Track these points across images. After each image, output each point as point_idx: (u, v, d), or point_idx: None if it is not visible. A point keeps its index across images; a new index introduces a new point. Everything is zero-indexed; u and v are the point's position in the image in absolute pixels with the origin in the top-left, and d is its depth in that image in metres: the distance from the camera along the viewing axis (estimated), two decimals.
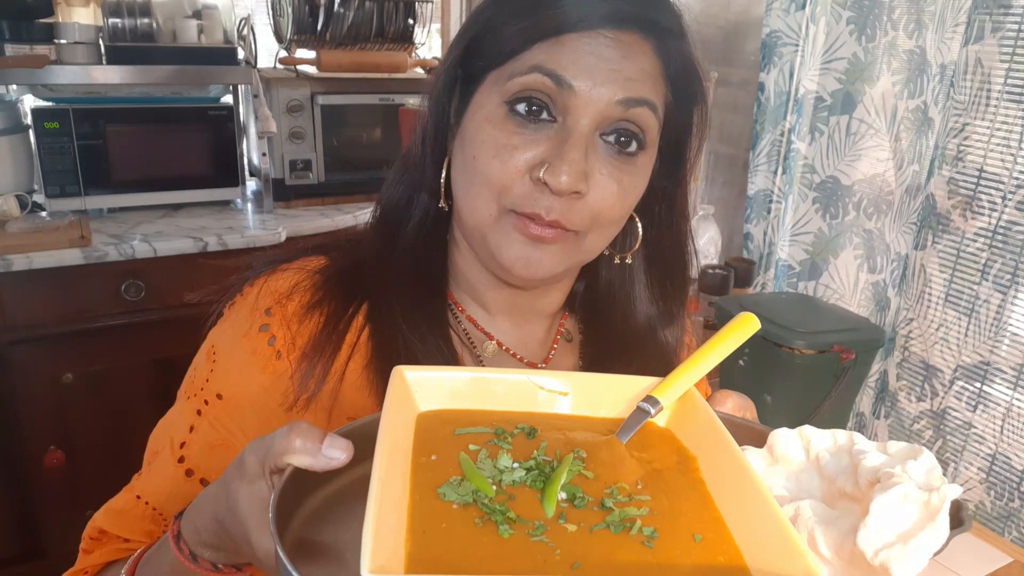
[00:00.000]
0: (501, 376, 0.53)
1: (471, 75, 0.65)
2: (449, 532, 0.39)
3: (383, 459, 0.40)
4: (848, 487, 0.44)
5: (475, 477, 0.43)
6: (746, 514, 0.42)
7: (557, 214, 0.60)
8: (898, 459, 0.43)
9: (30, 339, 1.74)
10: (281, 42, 2.23)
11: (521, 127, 0.61)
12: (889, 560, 0.38)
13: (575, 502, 0.43)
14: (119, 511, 0.69)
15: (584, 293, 0.77)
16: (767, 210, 2.08)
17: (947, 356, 1.94)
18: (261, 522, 0.46)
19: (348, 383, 0.66)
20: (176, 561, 0.55)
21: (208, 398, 0.67)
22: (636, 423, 0.51)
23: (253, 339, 0.66)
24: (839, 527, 0.42)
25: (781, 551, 0.38)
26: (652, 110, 0.62)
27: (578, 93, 0.60)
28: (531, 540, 0.39)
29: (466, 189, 0.64)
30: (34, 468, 1.81)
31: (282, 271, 0.69)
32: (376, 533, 0.35)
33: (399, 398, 0.48)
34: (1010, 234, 1.77)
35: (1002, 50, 1.75)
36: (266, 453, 0.45)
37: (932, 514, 0.39)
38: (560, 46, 0.60)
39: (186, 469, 0.66)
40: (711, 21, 2.32)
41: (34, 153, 1.93)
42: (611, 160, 0.62)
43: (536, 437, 0.49)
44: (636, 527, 0.41)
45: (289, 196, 2.19)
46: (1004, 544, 1.29)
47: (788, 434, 0.49)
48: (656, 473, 0.47)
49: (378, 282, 0.69)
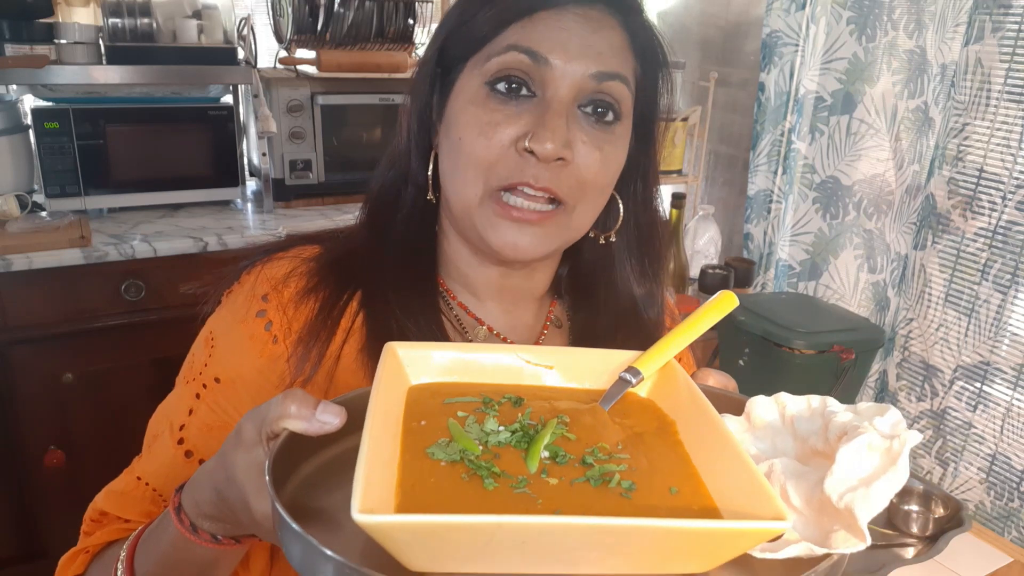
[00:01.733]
0: (489, 351, 0.55)
1: (450, 67, 0.68)
2: (437, 486, 0.41)
3: (375, 421, 0.42)
4: (819, 445, 0.46)
5: (462, 438, 0.45)
6: (721, 469, 0.44)
7: (546, 181, 0.63)
8: (866, 416, 0.45)
9: (30, 339, 1.74)
10: (281, 42, 2.22)
11: (503, 104, 0.63)
12: (853, 502, 0.40)
13: (557, 459, 0.45)
14: (120, 492, 0.70)
15: (568, 277, 0.79)
16: (767, 210, 2.08)
17: (947, 356, 1.94)
18: (259, 487, 0.48)
19: (343, 366, 0.68)
20: (177, 534, 0.56)
21: (207, 382, 0.68)
22: (618, 392, 0.53)
23: (250, 324, 0.68)
24: (809, 480, 0.44)
25: (752, 497, 0.40)
26: (624, 83, 0.65)
27: (554, 67, 0.62)
28: (514, 492, 0.41)
29: (453, 172, 0.66)
30: (34, 468, 1.81)
31: (278, 259, 0.71)
32: (366, 481, 0.37)
33: (391, 372, 0.50)
34: (1010, 234, 1.77)
35: (1002, 50, 1.75)
36: (262, 420, 0.47)
37: (893, 459, 0.41)
38: (532, 24, 0.63)
39: (185, 450, 0.68)
40: (711, 21, 2.31)
41: (34, 153, 1.93)
42: (591, 129, 0.65)
43: (522, 405, 0.51)
44: (615, 480, 0.43)
45: (289, 196, 2.19)
46: (1004, 544, 1.29)
47: (764, 400, 0.51)
48: (637, 436, 0.49)
49: (371, 271, 0.71)
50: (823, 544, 0.41)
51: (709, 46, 2.34)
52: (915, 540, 1.22)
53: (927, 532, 1.22)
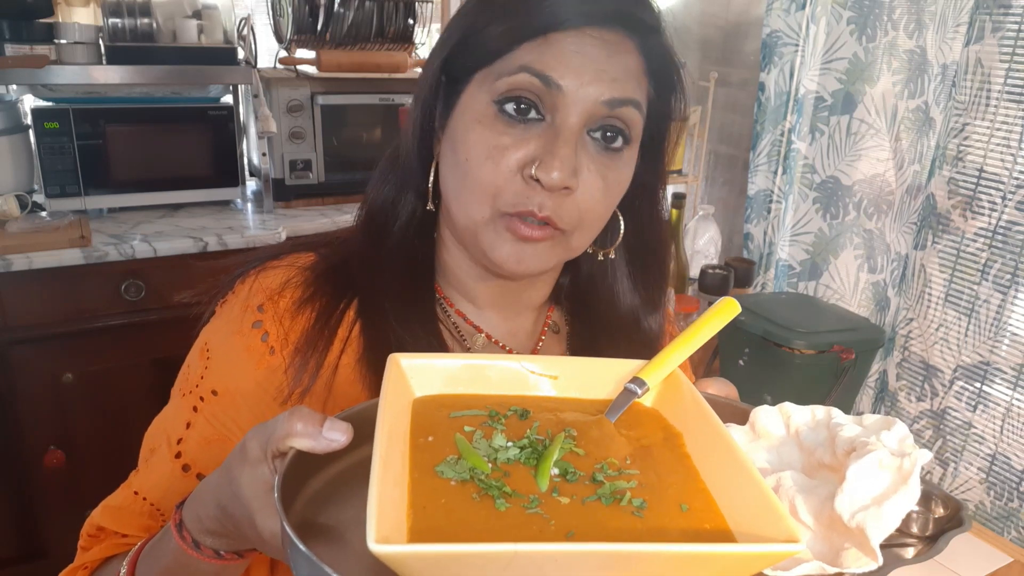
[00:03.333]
0: (493, 362, 0.55)
1: (456, 77, 0.66)
2: (448, 507, 0.41)
3: (383, 440, 0.42)
4: (826, 458, 0.46)
5: (471, 455, 0.45)
6: (730, 484, 0.44)
7: (549, 211, 0.62)
8: (873, 430, 0.45)
9: (30, 339, 1.74)
10: (281, 42, 2.22)
11: (511, 126, 0.62)
12: (865, 521, 0.40)
13: (567, 477, 0.45)
14: (117, 507, 0.69)
15: (569, 286, 0.79)
16: (767, 210, 2.08)
17: (947, 356, 1.94)
18: (265, 504, 0.47)
19: (341, 377, 0.67)
20: (178, 549, 0.55)
21: (204, 395, 0.67)
22: (624, 403, 0.53)
23: (246, 336, 0.67)
24: (818, 494, 0.44)
25: (763, 516, 0.40)
26: (637, 108, 0.64)
27: (566, 92, 0.61)
28: (527, 512, 0.41)
29: (458, 192, 0.65)
30: (34, 468, 1.81)
31: (272, 268, 0.70)
32: (380, 507, 0.37)
33: (396, 384, 0.50)
34: (1010, 234, 1.77)
35: (1002, 50, 1.75)
36: (268, 438, 0.47)
37: (904, 477, 0.41)
38: (547, 46, 0.61)
39: (183, 464, 0.67)
40: (711, 21, 2.31)
41: (34, 153, 1.93)
42: (598, 156, 0.63)
43: (528, 418, 0.51)
44: (626, 498, 0.43)
45: (289, 196, 2.19)
46: (1004, 544, 1.29)
47: (769, 410, 0.51)
48: (644, 449, 0.49)
49: (367, 279, 0.70)
50: (834, 563, 0.41)
51: (709, 46, 2.34)
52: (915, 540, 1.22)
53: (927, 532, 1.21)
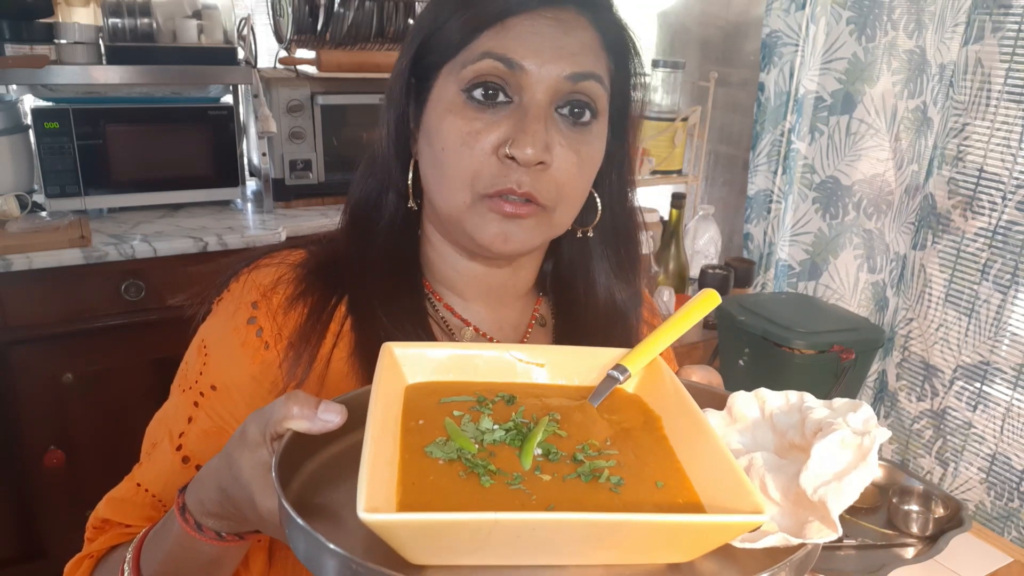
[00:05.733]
0: (482, 351, 0.58)
1: (424, 75, 0.69)
2: (436, 483, 0.44)
3: (376, 422, 0.45)
4: (797, 439, 0.49)
5: (459, 437, 0.48)
6: (704, 463, 0.47)
7: (528, 186, 0.64)
8: (840, 412, 0.48)
9: (30, 339, 1.74)
10: (281, 42, 2.22)
11: (481, 111, 0.65)
12: (827, 495, 0.43)
13: (549, 456, 0.47)
14: (120, 499, 0.72)
15: (552, 274, 0.81)
16: (767, 210, 2.08)
17: (947, 356, 1.94)
18: (264, 485, 0.49)
19: (334, 370, 0.69)
20: (182, 532, 0.58)
21: (204, 390, 0.70)
22: (606, 389, 0.55)
23: (242, 332, 0.69)
24: (787, 473, 0.47)
25: (733, 492, 0.43)
26: (599, 82, 0.67)
27: (529, 72, 0.64)
28: (510, 488, 0.44)
29: (439, 182, 0.67)
30: (34, 468, 1.81)
31: (264, 266, 0.72)
32: (370, 481, 0.39)
33: (389, 371, 0.52)
34: (1010, 234, 1.77)
35: (1002, 50, 1.75)
36: (266, 421, 0.49)
37: (864, 454, 0.44)
38: (505, 30, 0.64)
39: (183, 456, 0.69)
40: (711, 21, 2.32)
41: (34, 153, 1.93)
42: (568, 132, 0.66)
43: (515, 403, 0.53)
44: (604, 476, 0.46)
45: (289, 196, 2.19)
46: (1004, 544, 1.29)
47: (746, 396, 0.53)
48: (624, 432, 0.52)
49: (355, 278, 0.72)
50: (798, 534, 0.44)
51: (709, 46, 2.34)
52: (915, 540, 1.22)
53: (927, 532, 1.22)
